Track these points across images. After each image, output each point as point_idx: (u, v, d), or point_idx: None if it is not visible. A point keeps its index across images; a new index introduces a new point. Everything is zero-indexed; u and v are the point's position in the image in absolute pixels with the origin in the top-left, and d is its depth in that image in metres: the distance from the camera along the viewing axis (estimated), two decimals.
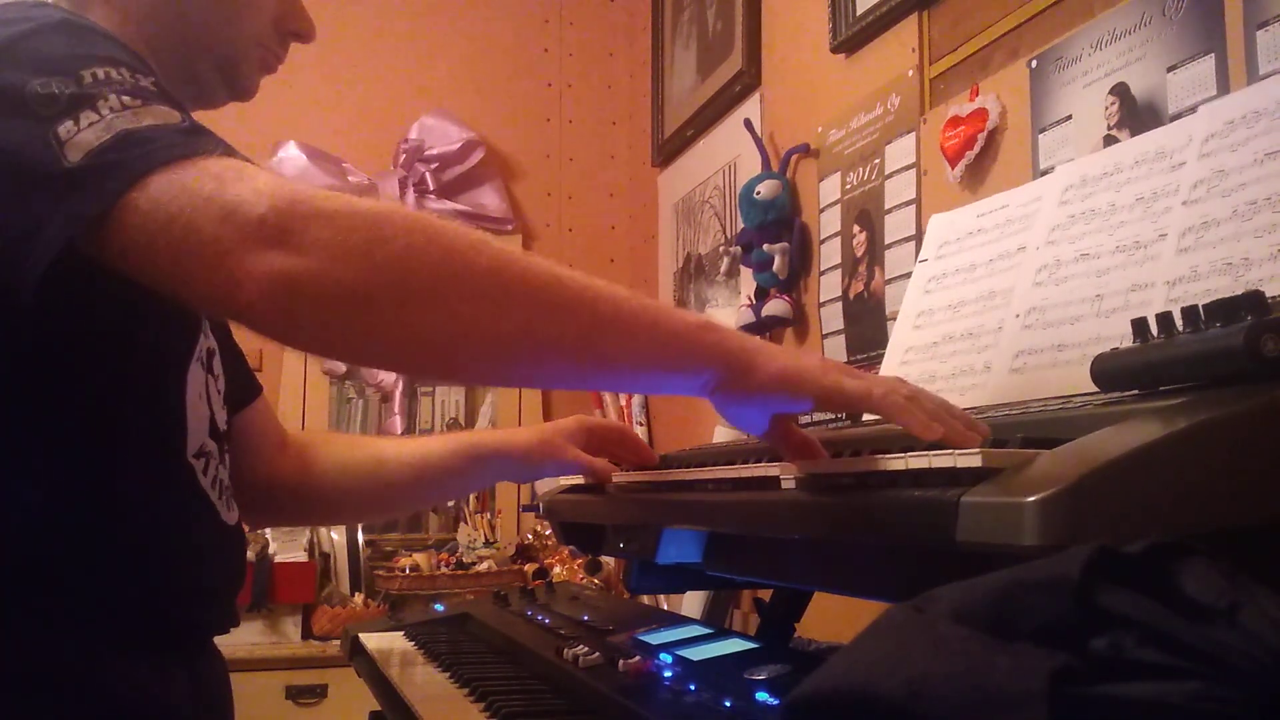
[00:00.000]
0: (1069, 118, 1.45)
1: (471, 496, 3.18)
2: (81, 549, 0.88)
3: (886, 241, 1.87)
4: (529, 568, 2.83)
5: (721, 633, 1.18)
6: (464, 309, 0.75)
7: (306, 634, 2.78)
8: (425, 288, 0.74)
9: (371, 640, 1.54)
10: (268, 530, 2.79)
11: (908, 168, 1.82)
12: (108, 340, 0.90)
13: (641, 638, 1.17)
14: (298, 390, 3.18)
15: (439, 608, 1.86)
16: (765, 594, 1.57)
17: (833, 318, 2.04)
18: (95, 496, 0.89)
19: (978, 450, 0.60)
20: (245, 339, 1.10)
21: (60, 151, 0.75)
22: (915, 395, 0.77)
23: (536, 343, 0.77)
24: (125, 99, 0.78)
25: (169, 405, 0.96)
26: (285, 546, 2.82)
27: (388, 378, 3.20)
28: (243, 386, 1.21)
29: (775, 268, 2.20)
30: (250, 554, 2.68)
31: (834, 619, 1.53)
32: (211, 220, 0.73)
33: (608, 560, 2.64)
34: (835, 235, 2.05)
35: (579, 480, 1.32)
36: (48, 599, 0.87)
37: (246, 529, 1.12)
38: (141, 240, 0.74)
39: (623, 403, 3.11)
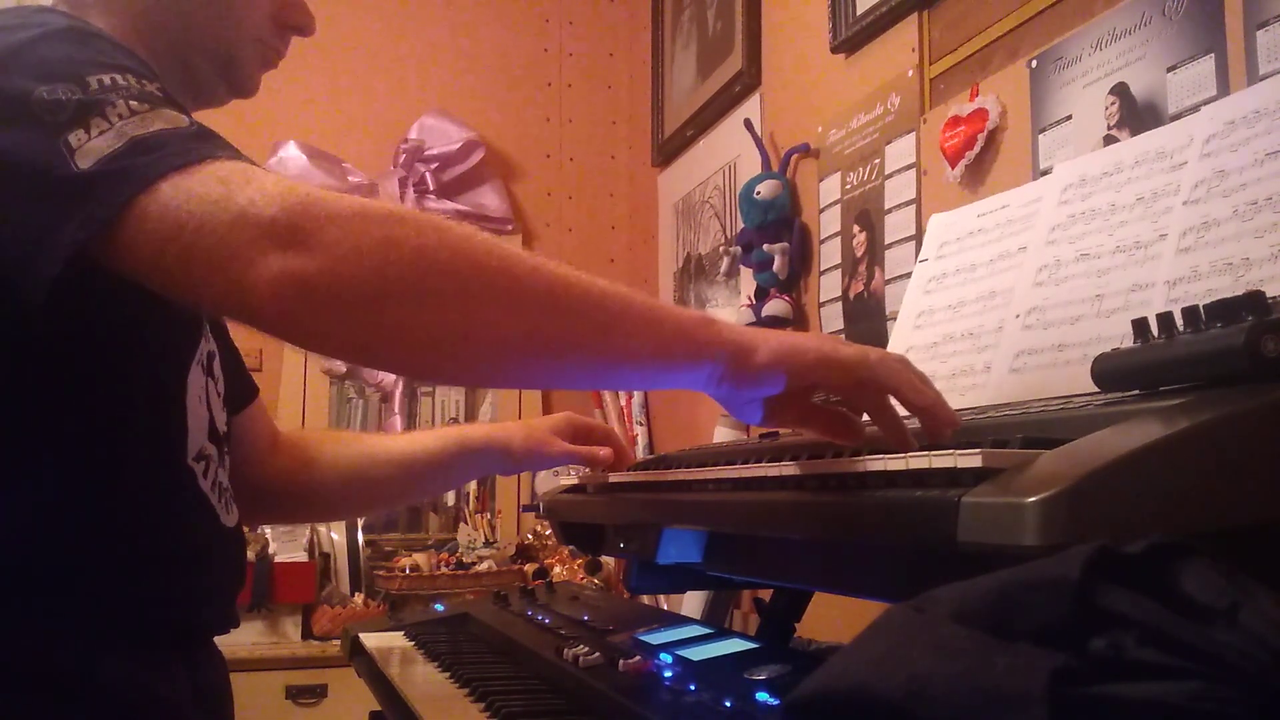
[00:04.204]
0: (1069, 118, 1.45)
1: (471, 497, 3.18)
2: (82, 551, 0.88)
3: (886, 241, 1.87)
4: (529, 568, 2.83)
5: (721, 633, 1.18)
6: (476, 309, 0.75)
7: (306, 634, 2.78)
8: (438, 288, 0.74)
9: (371, 640, 1.54)
10: (268, 530, 2.79)
11: (908, 168, 1.82)
12: (110, 344, 0.90)
13: (641, 638, 1.17)
14: (298, 390, 3.18)
15: (439, 608, 1.86)
16: (765, 594, 1.57)
17: (833, 318, 2.04)
18: (95, 499, 0.89)
19: (978, 451, 0.60)
20: (243, 339, 1.10)
21: (71, 159, 0.76)
22: (907, 363, 0.81)
23: (547, 342, 0.78)
24: (134, 104, 0.78)
25: (170, 408, 0.96)
26: (285, 546, 2.82)
27: (387, 377, 3.20)
28: (241, 389, 1.21)
29: (775, 268, 2.20)
30: (250, 554, 2.67)
31: (834, 619, 1.53)
32: (221, 224, 0.73)
33: (608, 560, 2.64)
34: (835, 235, 2.05)
35: (577, 480, 1.33)
36: (49, 599, 0.87)
37: (246, 529, 1.12)
38: (151, 246, 0.74)
39: (623, 403, 3.10)
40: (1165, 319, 0.76)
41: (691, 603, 1.99)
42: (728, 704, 0.88)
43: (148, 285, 0.77)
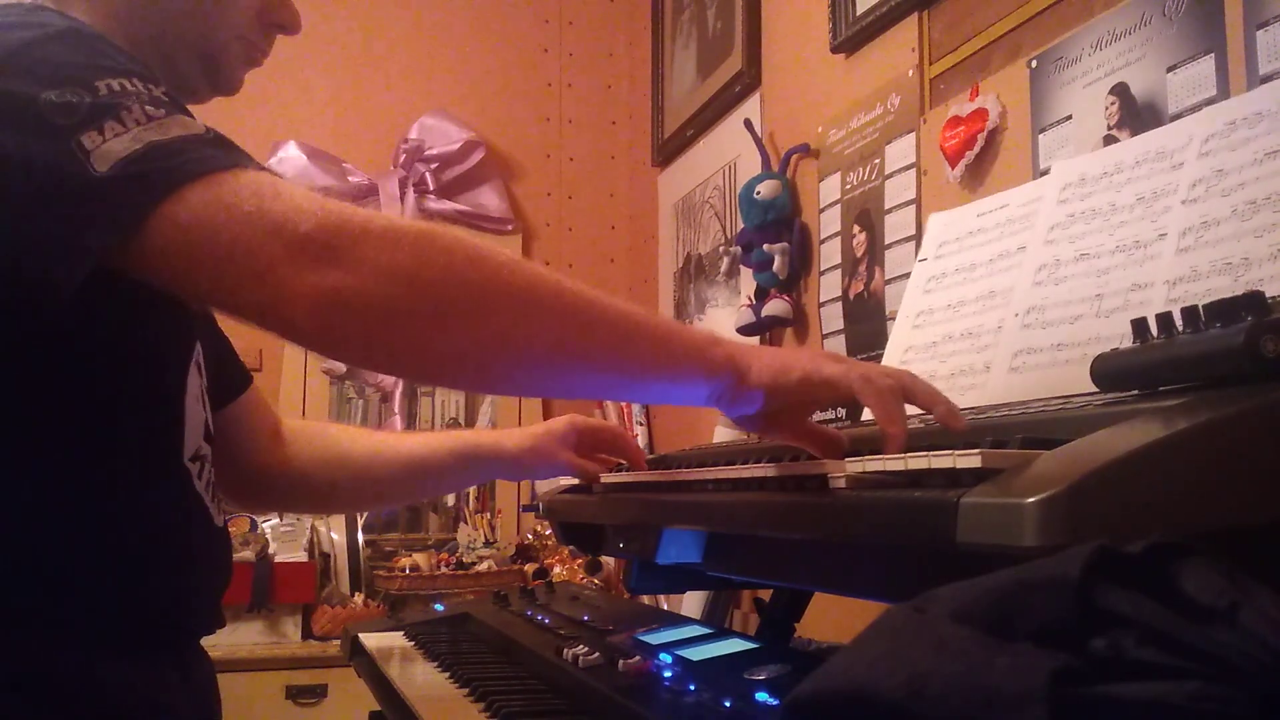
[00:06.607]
0: (1069, 118, 1.45)
1: (471, 497, 3.18)
2: (77, 550, 0.88)
3: (886, 241, 1.87)
4: (529, 568, 2.83)
5: (721, 633, 1.18)
6: (501, 326, 0.80)
7: (306, 634, 2.78)
8: (466, 306, 0.78)
9: (371, 640, 1.54)
10: (268, 530, 2.79)
11: (908, 168, 1.82)
12: (110, 344, 0.90)
13: (641, 638, 1.17)
14: (298, 389, 3.17)
15: (439, 608, 1.86)
16: (765, 594, 1.57)
17: (833, 318, 2.04)
18: (93, 499, 0.89)
19: (977, 451, 0.60)
20: (243, 337, 1.10)
21: (87, 162, 0.75)
22: (897, 388, 0.81)
23: (567, 357, 0.83)
24: (149, 109, 0.78)
25: (170, 408, 0.96)
26: (285, 546, 2.81)
27: (387, 378, 3.20)
28: (234, 375, 1.21)
29: (775, 268, 2.20)
30: (250, 554, 2.67)
31: (834, 619, 1.54)
32: (258, 235, 0.75)
33: (608, 560, 2.64)
34: (835, 235, 2.05)
35: (578, 481, 1.33)
36: (42, 599, 0.87)
37: (249, 520, 1.13)
38: (181, 252, 0.75)
39: (623, 404, 3.10)
40: (1165, 319, 0.76)
41: (691, 603, 1.99)
42: (728, 704, 0.88)
43: (171, 291, 0.79)
